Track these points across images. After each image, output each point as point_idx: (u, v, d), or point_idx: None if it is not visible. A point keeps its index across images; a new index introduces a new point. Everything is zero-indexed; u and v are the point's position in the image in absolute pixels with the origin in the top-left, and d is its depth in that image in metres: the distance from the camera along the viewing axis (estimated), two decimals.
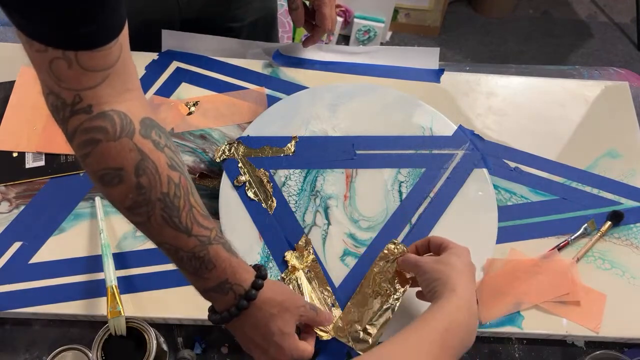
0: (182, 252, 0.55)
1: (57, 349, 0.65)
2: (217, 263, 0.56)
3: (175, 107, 0.89)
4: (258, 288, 0.58)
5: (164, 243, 0.55)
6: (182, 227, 0.54)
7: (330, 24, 0.87)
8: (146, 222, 0.54)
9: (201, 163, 0.84)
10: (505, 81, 0.96)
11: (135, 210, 0.53)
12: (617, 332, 0.74)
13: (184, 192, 0.54)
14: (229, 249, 0.58)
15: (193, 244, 0.55)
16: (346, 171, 0.82)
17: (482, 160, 0.84)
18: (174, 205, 0.53)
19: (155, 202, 0.52)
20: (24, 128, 0.85)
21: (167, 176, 0.52)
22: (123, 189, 0.52)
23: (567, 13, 2.41)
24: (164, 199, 0.53)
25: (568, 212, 0.83)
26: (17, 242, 0.77)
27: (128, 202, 0.52)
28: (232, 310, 0.58)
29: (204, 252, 0.55)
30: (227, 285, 0.57)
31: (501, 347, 0.75)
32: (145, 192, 0.52)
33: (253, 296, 0.58)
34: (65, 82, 0.49)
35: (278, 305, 0.60)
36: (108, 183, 0.52)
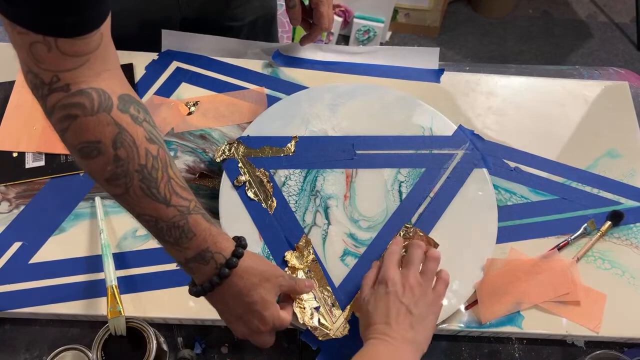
0: (161, 223, 0.56)
1: (57, 349, 0.66)
2: (198, 232, 0.57)
3: (175, 107, 0.89)
4: (239, 256, 0.59)
5: (144, 214, 0.56)
6: (160, 198, 0.55)
7: (327, 23, 0.86)
8: (125, 194, 0.55)
9: (201, 163, 0.84)
10: (505, 81, 0.96)
11: (113, 182, 0.54)
12: (617, 332, 0.74)
13: (162, 164, 0.55)
14: (208, 219, 0.59)
15: (172, 213, 0.56)
16: (346, 171, 0.82)
17: (482, 160, 0.84)
18: (152, 177, 0.54)
19: (133, 174, 0.54)
20: (24, 128, 0.85)
21: (144, 149, 0.54)
22: (101, 162, 0.53)
23: (567, 13, 2.41)
24: (142, 171, 0.54)
25: (568, 212, 0.83)
26: (17, 242, 0.77)
27: (107, 174, 0.54)
28: (214, 280, 0.58)
29: (184, 221, 0.56)
30: (208, 253, 0.58)
31: (501, 347, 0.75)
32: (123, 164, 0.53)
33: (234, 264, 0.58)
34: (44, 64, 0.50)
35: (259, 274, 0.60)
36: (86, 156, 0.53)
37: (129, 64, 0.92)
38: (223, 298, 0.61)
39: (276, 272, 0.63)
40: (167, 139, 0.86)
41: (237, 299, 0.60)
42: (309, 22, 0.90)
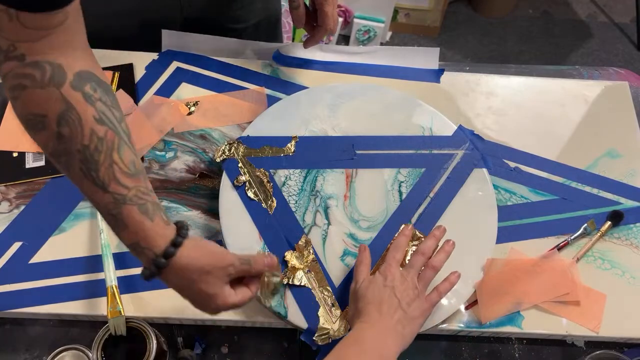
0: (98, 207, 0.56)
1: (57, 349, 0.66)
2: (129, 224, 0.55)
3: (175, 107, 0.89)
4: (168, 256, 0.56)
5: (84, 194, 0.56)
6: (98, 182, 0.54)
7: (332, 24, 0.84)
8: (67, 172, 0.55)
9: (201, 163, 0.84)
10: (505, 81, 0.96)
11: (55, 159, 0.55)
12: (617, 332, 0.74)
13: (107, 147, 0.54)
14: (144, 211, 0.56)
15: (107, 200, 0.55)
16: (346, 171, 0.82)
17: (482, 160, 0.84)
18: (93, 159, 0.53)
19: (74, 154, 0.53)
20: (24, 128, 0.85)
21: (90, 129, 0.53)
22: (45, 136, 0.53)
23: (567, 13, 2.41)
24: (84, 152, 0.53)
25: (568, 212, 0.83)
26: (17, 242, 0.77)
27: (49, 149, 0.54)
28: (150, 272, 0.57)
29: (117, 210, 0.55)
30: (138, 247, 0.57)
31: (501, 347, 0.75)
32: (66, 142, 0.53)
33: (162, 264, 0.56)
34: (4, 32, 0.50)
35: (197, 270, 0.58)
36: (32, 128, 0.53)
37: (129, 64, 0.92)
38: (169, 284, 0.60)
39: (222, 263, 0.59)
40: (167, 139, 0.86)
41: (181, 290, 0.60)
42: (312, 24, 0.88)
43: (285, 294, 0.72)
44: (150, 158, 0.84)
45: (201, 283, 0.59)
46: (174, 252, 0.57)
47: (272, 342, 0.74)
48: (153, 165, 0.84)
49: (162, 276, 0.58)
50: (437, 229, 0.71)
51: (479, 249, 0.76)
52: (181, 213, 0.80)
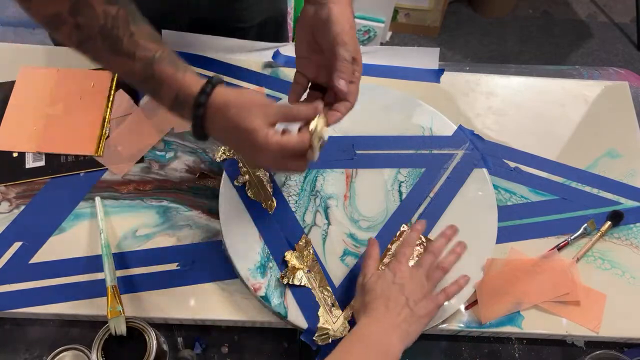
0: (135, 77, 0.59)
1: (57, 349, 0.66)
2: (164, 79, 0.58)
3: None
4: (207, 93, 0.58)
5: (119, 72, 0.60)
6: (125, 53, 0.58)
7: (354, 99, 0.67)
8: (96, 57, 0.59)
9: (201, 163, 0.84)
10: (505, 81, 0.96)
11: (82, 47, 0.59)
12: (617, 332, 0.74)
13: (123, 22, 0.57)
14: (175, 65, 0.59)
15: (139, 67, 0.58)
16: (346, 171, 0.82)
17: (482, 160, 0.84)
18: (113, 35, 0.57)
19: (96, 36, 0.57)
20: (24, 128, 0.85)
21: (103, 11, 0.56)
22: (66, 30, 0.57)
23: (567, 13, 2.41)
24: (103, 32, 0.57)
25: (568, 212, 0.83)
26: (17, 242, 0.77)
27: (73, 41, 0.58)
28: (195, 121, 0.59)
29: (150, 72, 0.58)
30: (179, 99, 0.59)
31: (501, 347, 0.75)
32: (85, 29, 0.57)
33: (202, 102, 0.58)
34: None
35: (235, 106, 0.58)
36: (52, 27, 0.58)
37: None
38: (216, 134, 0.61)
39: (261, 101, 0.59)
40: (167, 139, 0.86)
41: (226, 133, 0.60)
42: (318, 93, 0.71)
43: (285, 294, 0.72)
44: (150, 158, 0.84)
45: (240, 118, 0.58)
46: (210, 91, 0.58)
47: (272, 342, 0.74)
48: (153, 165, 0.84)
49: (207, 122, 0.59)
50: (450, 228, 0.71)
51: (479, 249, 0.76)
52: (181, 213, 0.80)
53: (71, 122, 0.86)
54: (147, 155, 0.84)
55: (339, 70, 0.63)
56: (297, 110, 0.60)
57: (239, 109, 0.58)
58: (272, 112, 0.59)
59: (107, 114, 0.87)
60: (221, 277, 0.75)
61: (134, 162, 0.84)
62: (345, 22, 0.64)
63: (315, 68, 0.68)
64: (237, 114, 0.58)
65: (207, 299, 0.74)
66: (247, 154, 0.62)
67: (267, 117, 0.59)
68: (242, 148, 0.62)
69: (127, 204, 0.80)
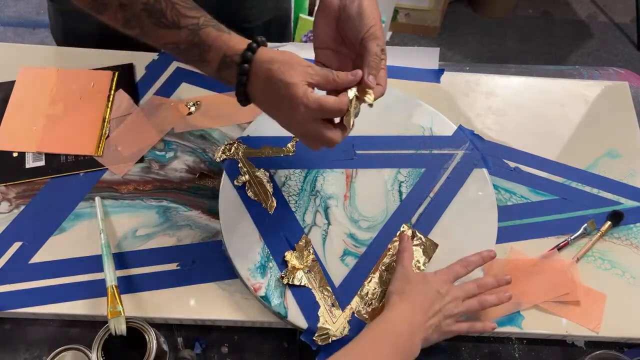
0: (181, 45, 0.62)
1: (57, 349, 0.65)
2: (211, 43, 0.61)
3: (175, 107, 0.89)
4: (252, 50, 0.61)
5: (165, 44, 0.62)
6: (170, 24, 0.60)
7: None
8: (142, 33, 0.62)
9: (201, 163, 0.84)
10: (505, 81, 0.96)
11: (128, 26, 0.61)
12: (617, 332, 0.74)
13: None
14: (219, 28, 0.62)
15: (185, 34, 0.61)
16: (346, 171, 0.82)
17: (482, 160, 0.84)
18: (156, 9, 0.60)
19: (140, 14, 0.60)
20: (24, 128, 0.85)
21: None
22: (111, 13, 0.60)
23: (567, 13, 2.41)
24: (147, 8, 0.60)
25: (568, 212, 0.83)
26: (17, 242, 0.77)
27: (119, 21, 0.61)
28: (240, 79, 0.61)
29: (197, 37, 0.61)
30: (227, 59, 0.61)
31: (501, 347, 0.75)
32: (129, 8, 0.60)
33: (248, 57, 0.60)
34: None
35: (278, 62, 0.60)
36: (97, 11, 0.61)
37: (129, 64, 0.92)
38: (257, 94, 0.63)
39: (301, 61, 0.61)
40: (167, 139, 0.86)
41: (267, 89, 0.61)
42: None
43: (285, 294, 0.72)
44: (150, 158, 0.84)
45: (280, 73, 0.60)
46: (255, 48, 0.61)
47: (272, 342, 0.74)
48: (153, 165, 0.84)
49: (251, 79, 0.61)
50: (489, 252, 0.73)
51: (479, 249, 0.76)
52: (181, 213, 0.80)
53: (71, 122, 0.86)
54: (147, 155, 0.84)
55: (369, 66, 0.63)
56: (337, 75, 0.61)
57: (282, 64, 0.60)
58: (314, 72, 0.61)
59: (107, 114, 0.87)
60: (221, 277, 0.75)
61: (134, 162, 0.84)
62: (376, 15, 0.67)
63: (339, 59, 0.69)
64: (279, 68, 0.60)
65: (207, 299, 0.74)
66: (285, 112, 0.62)
67: (309, 75, 0.60)
68: (280, 106, 0.62)
69: (127, 204, 0.80)
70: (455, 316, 0.69)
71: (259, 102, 0.63)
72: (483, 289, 0.71)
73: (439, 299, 0.68)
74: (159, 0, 0.60)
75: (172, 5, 0.60)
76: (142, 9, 0.60)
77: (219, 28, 0.62)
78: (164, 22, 0.60)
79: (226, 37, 0.61)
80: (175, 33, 0.61)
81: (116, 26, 0.62)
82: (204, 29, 0.61)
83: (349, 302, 0.72)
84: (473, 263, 0.72)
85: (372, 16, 0.66)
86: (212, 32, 0.61)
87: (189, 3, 0.62)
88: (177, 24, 0.61)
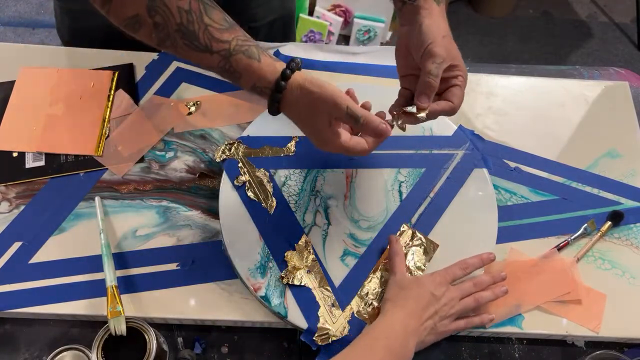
0: (215, 69, 0.63)
1: (57, 349, 0.65)
2: (242, 71, 0.62)
3: (175, 107, 0.89)
4: (280, 91, 0.62)
5: (200, 65, 0.63)
6: (202, 48, 0.61)
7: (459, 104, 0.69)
8: (175, 52, 0.62)
9: (201, 163, 0.84)
10: (505, 81, 0.96)
11: (162, 45, 0.62)
12: (617, 332, 0.74)
13: (196, 16, 0.60)
14: (249, 55, 0.62)
15: (217, 60, 0.62)
16: (346, 171, 0.82)
17: (482, 160, 0.84)
18: (189, 31, 0.60)
19: (174, 35, 0.60)
20: (24, 128, 0.85)
21: (176, 7, 0.59)
22: (146, 31, 0.60)
23: (567, 13, 2.41)
24: (180, 29, 0.60)
25: (568, 212, 0.83)
26: (17, 242, 0.77)
27: (154, 40, 0.61)
28: (273, 105, 0.64)
29: (228, 64, 0.62)
30: (257, 87, 0.63)
31: (501, 347, 0.75)
32: (163, 28, 0.60)
33: (277, 99, 0.63)
34: None
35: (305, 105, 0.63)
36: (131, 29, 0.61)
37: (129, 64, 0.92)
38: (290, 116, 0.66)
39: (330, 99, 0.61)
40: (167, 139, 0.86)
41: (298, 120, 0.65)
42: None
43: (285, 294, 0.72)
44: (150, 158, 0.84)
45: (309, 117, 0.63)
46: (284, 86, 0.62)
47: (272, 342, 0.74)
48: (153, 165, 0.84)
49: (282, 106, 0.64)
50: (489, 255, 0.73)
51: (479, 249, 0.76)
52: (181, 213, 0.80)
53: (71, 122, 0.86)
54: (147, 155, 0.84)
55: (420, 85, 0.65)
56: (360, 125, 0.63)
57: (308, 107, 0.63)
58: (340, 115, 0.62)
59: (107, 114, 0.87)
60: (221, 277, 0.75)
61: (134, 162, 0.84)
62: (436, 32, 0.66)
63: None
64: (305, 117, 0.64)
65: (207, 299, 0.74)
66: (314, 141, 0.66)
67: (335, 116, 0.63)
68: (309, 134, 0.66)
69: (127, 204, 0.80)
70: (451, 316, 0.69)
71: (290, 114, 0.66)
72: (480, 287, 0.71)
73: (434, 302, 0.68)
74: (191, 21, 0.60)
75: (204, 27, 0.60)
76: (176, 30, 0.60)
77: (249, 54, 0.62)
78: (196, 45, 0.61)
79: (256, 66, 0.62)
80: (208, 57, 0.61)
81: (151, 45, 0.62)
82: (235, 55, 0.61)
83: (349, 302, 0.72)
84: (472, 265, 0.72)
85: (432, 34, 0.66)
86: (243, 59, 0.61)
87: (223, 23, 0.61)
88: (209, 48, 0.61)
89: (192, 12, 0.59)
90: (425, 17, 0.67)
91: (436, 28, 0.66)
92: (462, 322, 0.70)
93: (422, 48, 0.66)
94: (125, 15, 0.59)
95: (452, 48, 0.67)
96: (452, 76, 0.68)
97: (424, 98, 0.65)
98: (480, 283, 0.72)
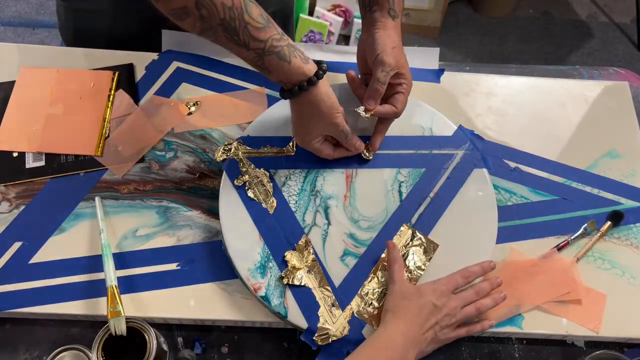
0: (248, 62, 0.70)
1: (57, 349, 0.66)
2: (272, 70, 0.69)
3: (175, 107, 0.89)
4: (294, 95, 0.71)
5: (234, 53, 0.69)
6: (241, 43, 0.67)
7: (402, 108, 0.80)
8: (215, 41, 0.68)
9: (201, 163, 0.84)
10: (505, 81, 0.96)
11: (204, 34, 0.67)
12: (617, 332, 0.74)
13: (238, 13, 0.65)
14: (281, 56, 0.68)
15: (252, 56, 0.68)
16: (346, 171, 0.82)
17: (482, 160, 0.84)
18: (230, 27, 0.65)
19: (216, 27, 0.65)
20: (24, 128, 0.85)
21: (221, 4, 0.64)
22: (191, 21, 0.65)
23: (567, 13, 2.41)
24: (223, 24, 0.65)
25: (568, 212, 0.83)
26: (17, 242, 0.77)
27: (197, 29, 0.66)
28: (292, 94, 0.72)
29: (261, 62, 0.69)
30: (283, 83, 0.71)
31: (501, 347, 0.75)
32: (207, 21, 0.65)
33: (295, 94, 0.71)
34: None
35: (313, 109, 0.72)
36: (178, 18, 0.66)
37: (129, 64, 0.92)
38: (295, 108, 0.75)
39: (328, 115, 0.73)
40: (167, 139, 0.86)
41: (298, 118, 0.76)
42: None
43: (285, 294, 0.72)
44: (150, 158, 0.84)
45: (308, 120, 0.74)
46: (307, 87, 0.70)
47: (272, 342, 0.74)
48: (153, 165, 0.84)
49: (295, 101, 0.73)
50: (489, 263, 0.74)
51: (479, 249, 0.76)
52: (181, 213, 0.80)
53: (71, 122, 0.86)
54: (147, 155, 0.84)
55: (369, 90, 0.77)
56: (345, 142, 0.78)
57: (309, 118, 0.74)
58: (333, 131, 0.75)
59: (107, 114, 0.87)
60: (221, 277, 0.75)
61: (134, 162, 0.84)
62: (387, 43, 0.76)
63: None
64: (307, 122, 0.74)
65: (207, 299, 0.74)
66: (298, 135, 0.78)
67: (326, 131, 0.76)
68: (297, 127, 0.77)
69: (127, 204, 0.80)
70: (452, 325, 0.69)
71: (295, 108, 0.74)
72: (481, 294, 0.72)
73: (436, 312, 0.68)
74: (234, 19, 0.65)
75: (245, 25, 0.66)
76: (219, 23, 0.65)
77: (281, 56, 0.68)
78: (236, 40, 0.66)
79: (285, 68, 0.69)
80: (245, 52, 0.68)
81: (192, 32, 0.67)
82: (268, 56, 0.68)
83: (349, 302, 0.72)
84: (474, 273, 0.72)
85: (383, 44, 0.76)
86: (274, 60, 0.68)
87: (260, 20, 0.67)
88: (247, 45, 0.67)
89: (234, 8, 0.64)
90: (380, 28, 0.77)
91: (388, 39, 0.76)
92: (463, 330, 0.70)
93: (374, 55, 0.76)
94: (174, 6, 0.64)
95: (401, 58, 0.77)
96: (398, 83, 0.78)
97: (371, 101, 0.76)
98: (482, 290, 0.72)
